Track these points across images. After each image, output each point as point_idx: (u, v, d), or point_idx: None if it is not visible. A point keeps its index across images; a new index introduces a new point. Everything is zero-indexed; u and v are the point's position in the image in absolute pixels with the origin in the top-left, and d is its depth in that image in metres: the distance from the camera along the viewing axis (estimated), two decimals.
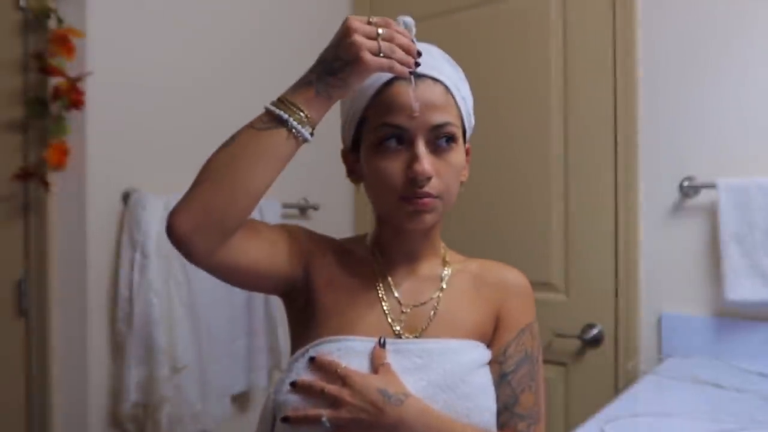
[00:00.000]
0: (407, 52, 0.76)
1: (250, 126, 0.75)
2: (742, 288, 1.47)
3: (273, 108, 0.75)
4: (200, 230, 0.72)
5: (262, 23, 1.91)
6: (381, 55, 0.73)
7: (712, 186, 1.53)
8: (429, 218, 0.81)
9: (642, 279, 1.67)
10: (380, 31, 0.73)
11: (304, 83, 0.76)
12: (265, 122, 0.75)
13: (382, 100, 0.81)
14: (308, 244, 0.88)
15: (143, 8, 1.58)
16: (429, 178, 0.78)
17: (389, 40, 0.74)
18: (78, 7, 1.44)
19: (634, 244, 1.68)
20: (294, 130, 0.74)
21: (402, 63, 0.75)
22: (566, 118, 1.80)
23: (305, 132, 0.75)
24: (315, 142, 0.78)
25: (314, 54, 0.77)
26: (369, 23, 0.74)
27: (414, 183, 0.78)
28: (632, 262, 1.68)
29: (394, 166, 0.79)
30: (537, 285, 0.94)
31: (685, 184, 1.59)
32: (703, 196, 1.59)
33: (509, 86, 1.90)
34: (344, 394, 0.75)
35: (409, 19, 0.84)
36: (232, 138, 0.75)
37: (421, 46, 0.84)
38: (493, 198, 1.90)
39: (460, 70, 0.88)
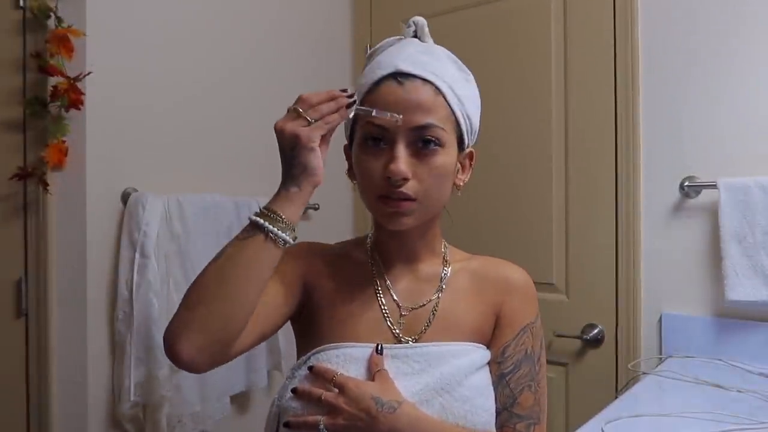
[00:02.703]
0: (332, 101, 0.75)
1: (235, 238, 0.76)
2: (742, 288, 1.47)
3: (254, 217, 0.76)
4: (204, 350, 0.74)
5: (262, 23, 1.90)
6: (313, 122, 0.74)
7: (712, 186, 1.53)
8: (407, 221, 0.82)
9: (642, 279, 1.67)
10: (297, 108, 0.74)
11: (278, 189, 0.77)
12: (248, 231, 0.76)
13: (369, 99, 0.82)
14: (301, 267, 0.89)
15: (143, 8, 1.57)
16: (405, 179, 0.79)
17: (309, 107, 0.74)
18: (78, 6, 1.44)
19: (635, 244, 1.67)
20: (271, 234, 0.74)
21: (336, 111, 0.75)
22: (567, 119, 1.80)
23: (283, 235, 0.75)
24: None
25: (314, 53, 0.77)
26: (288, 111, 0.75)
27: (390, 183, 0.79)
28: (633, 262, 1.67)
29: (374, 165, 0.81)
30: (538, 285, 0.94)
31: (686, 183, 1.59)
32: (704, 196, 1.58)
33: (510, 86, 1.90)
34: (340, 401, 0.77)
35: (419, 19, 0.88)
36: (220, 253, 0.76)
37: (423, 45, 0.85)
38: (494, 198, 1.90)
39: (467, 72, 0.88)
